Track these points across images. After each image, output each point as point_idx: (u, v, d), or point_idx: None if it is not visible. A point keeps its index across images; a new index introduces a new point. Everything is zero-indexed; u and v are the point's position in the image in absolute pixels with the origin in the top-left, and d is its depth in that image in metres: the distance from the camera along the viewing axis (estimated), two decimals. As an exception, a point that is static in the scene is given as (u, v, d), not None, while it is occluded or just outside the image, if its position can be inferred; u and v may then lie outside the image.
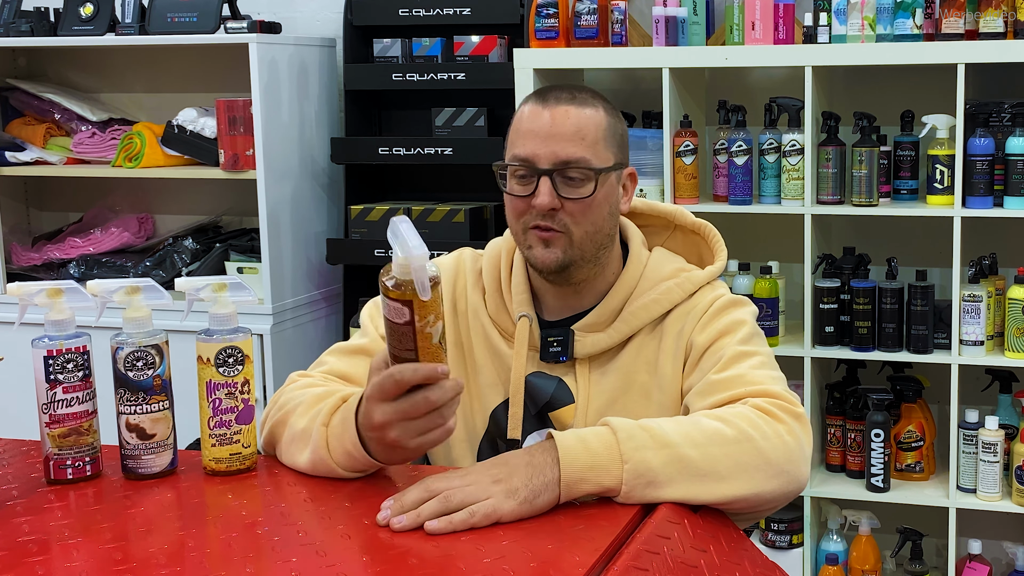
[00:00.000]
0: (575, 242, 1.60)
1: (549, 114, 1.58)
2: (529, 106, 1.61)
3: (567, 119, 1.58)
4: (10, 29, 3.51)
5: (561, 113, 1.58)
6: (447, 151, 3.32)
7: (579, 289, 1.67)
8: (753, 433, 1.40)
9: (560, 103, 1.59)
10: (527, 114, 1.60)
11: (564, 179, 1.57)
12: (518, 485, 1.31)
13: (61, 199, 3.95)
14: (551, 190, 1.57)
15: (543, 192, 1.57)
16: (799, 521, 3.04)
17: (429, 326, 1.31)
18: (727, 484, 1.37)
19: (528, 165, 1.58)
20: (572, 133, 1.57)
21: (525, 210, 1.60)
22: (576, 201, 1.58)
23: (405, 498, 1.30)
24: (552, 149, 1.57)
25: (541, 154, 1.57)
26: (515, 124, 1.63)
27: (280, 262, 3.41)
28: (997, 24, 2.76)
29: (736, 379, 1.52)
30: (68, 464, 1.47)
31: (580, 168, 1.57)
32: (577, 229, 1.59)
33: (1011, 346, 2.83)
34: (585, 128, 1.58)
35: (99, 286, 1.48)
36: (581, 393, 1.65)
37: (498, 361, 1.70)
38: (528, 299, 1.68)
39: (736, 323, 1.61)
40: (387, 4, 3.40)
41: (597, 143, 1.59)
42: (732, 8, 2.96)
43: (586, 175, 1.58)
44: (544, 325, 1.68)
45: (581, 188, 1.58)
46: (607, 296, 1.66)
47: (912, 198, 2.97)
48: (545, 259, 1.60)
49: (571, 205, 1.58)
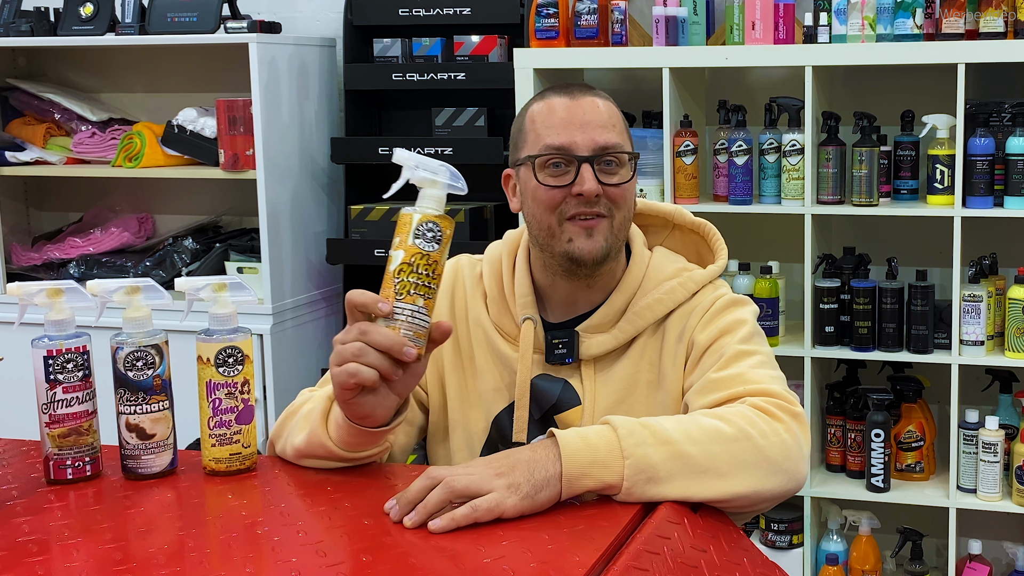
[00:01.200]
0: (615, 228, 1.61)
1: (579, 104, 1.61)
2: (551, 100, 1.62)
3: (598, 107, 1.61)
4: (10, 29, 3.51)
5: (590, 103, 1.61)
6: (447, 151, 3.32)
7: (592, 284, 1.66)
8: (751, 431, 1.41)
9: (585, 95, 1.62)
10: (554, 106, 1.61)
11: (602, 166, 1.59)
12: (520, 480, 1.31)
13: (61, 199, 3.95)
14: (593, 176, 1.58)
15: (588, 178, 1.57)
16: (799, 521, 3.04)
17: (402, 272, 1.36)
18: (727, 481, 1.38)
19: (566, 154, 1.59)
20: (605, 120, 1.61)
21: (561, 200, 1.59)
22: (616, 187, 1.59)
23: (409, 491, 1.31)
24: (590, 136, 1.59)
25: (579, 141, 1.59)
26: (538, 119, 1.62)
27: (280, 262, 3.41)
28: (997, 24, 2.76)
29: (736, 378, 1.53)
30: (68, 464, 1.47)
31: (618, 153, 1.60)
32: (618, 214, 1.61)
33: (1011, 346, 2.83)
34: (614, 116, 1.63)
35: (99, 286, 1.48)
36: (587, 395, 1.65)
37: (501, 366, 1.69)
38: (532, 301, 1.68)
39: (737, 322, 1.61)
40: (387, 4, 3.40)
41: (624, 130, 1.64)
42: (732, 8, 2.96)
43: (622, 160, 1.60)
44: (548, 327, 1.68)
45: (617, 174, 1.60)
46: (611, 296, 1.66)
47: (912, 198, 2.97)
48: (590, 249, 1.59)
49: (612, 191, 1.59)
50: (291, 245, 3.46)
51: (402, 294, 1.36)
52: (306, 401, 1.57)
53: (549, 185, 1.59)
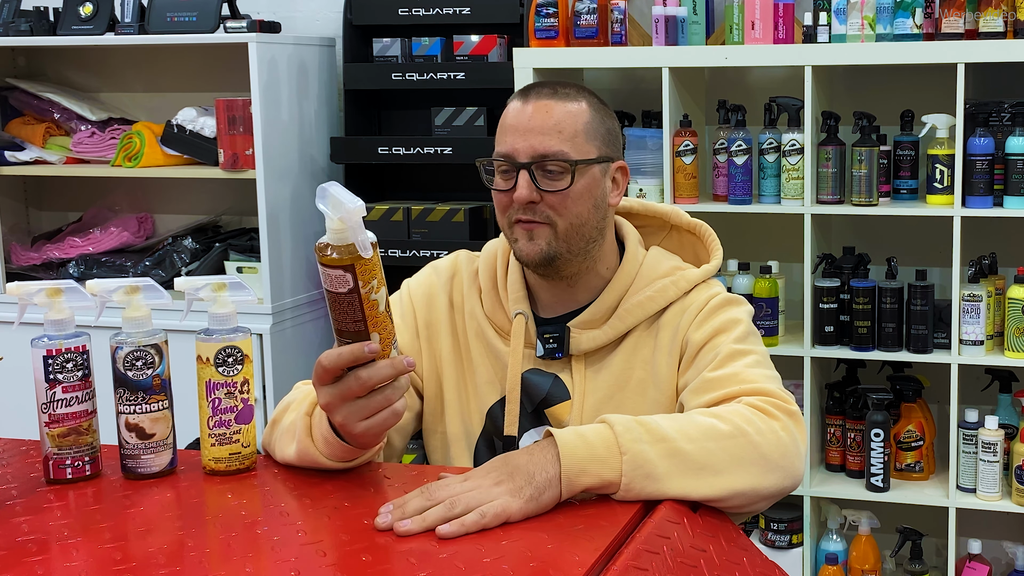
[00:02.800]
0: (560, 234, 1.62)
1: (530, 109, 1.62)
2: (512, 104, 1.65)
3: (545, 113, 1.61)
4: (9, 28, 3.51)
5: (540, 108, 1.61)
6: (447, 151, 3.32)
7: (573, 284, 1.68)
8: (748, 428, 1.41)
9: (541, 98, 1.62)
10: (510, 112, 1.64)
11: (543, 172, 1.60)
12: (521, 484, 1.31)
13: (60, 199, 3.95)
14: (529, 183, 1.60)
15: (521, 185, 1.60)
16: (799, 521, 3.04)
17: (373, 292, 1.32)
18: (724, 478, 1.38)
19: (508, 160, 1.61)
20: (550, 127, 1.60)
21: (509, 204, 1.63)
22: (555, 193, 1.60)
23: (407, 506, 1.30)
24: (530, 143, 1.60)
25: (520, 148, 1.60)
26: (500, 121, 1.66)
27: (280, 262, 3.41)
28: (997, 24, 2.76)
29: (731, 377, 1.53)
30: (67, 464, 1.47)
31: (557, 160, 1.59)
32: (561, 221, 1.61)
33: (1011, 346, 2.83)
34: (563, 122, 1.61)
35: (98, 286, 1.48)
36: (577, 390, 1.66)
37: (494, 359, 1.71)
38: (524, 296, 1.69)
39: (732, 321, 1.62)
40: (387, 4, 3.40)
41: (576, 136, 1.61)
42: (732, 8, 2.96)
43: (563, 167, 1.60)
44: (540, 322, 1.69)
45: (559, 180, 1.60)
46: (603, 293, 1.67)
47: (912, 198, 2.97)
48: (529, 251, 1.62)
49: (550, 197, 1.60)
50: (291, 245, 3.46)
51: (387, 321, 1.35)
52: (290, 403, 1.56)
53: (498, 190, 1.64)
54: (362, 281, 1.30)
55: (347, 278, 1.30)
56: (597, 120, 1.64)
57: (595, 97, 1.67)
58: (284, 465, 1.53)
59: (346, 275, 1.30)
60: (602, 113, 1.66)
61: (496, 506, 1.28)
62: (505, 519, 1.29)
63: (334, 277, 1.31)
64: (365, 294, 1.31)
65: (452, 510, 1.28)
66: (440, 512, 1.28)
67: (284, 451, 1.51)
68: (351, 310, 1.32)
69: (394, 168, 3.60)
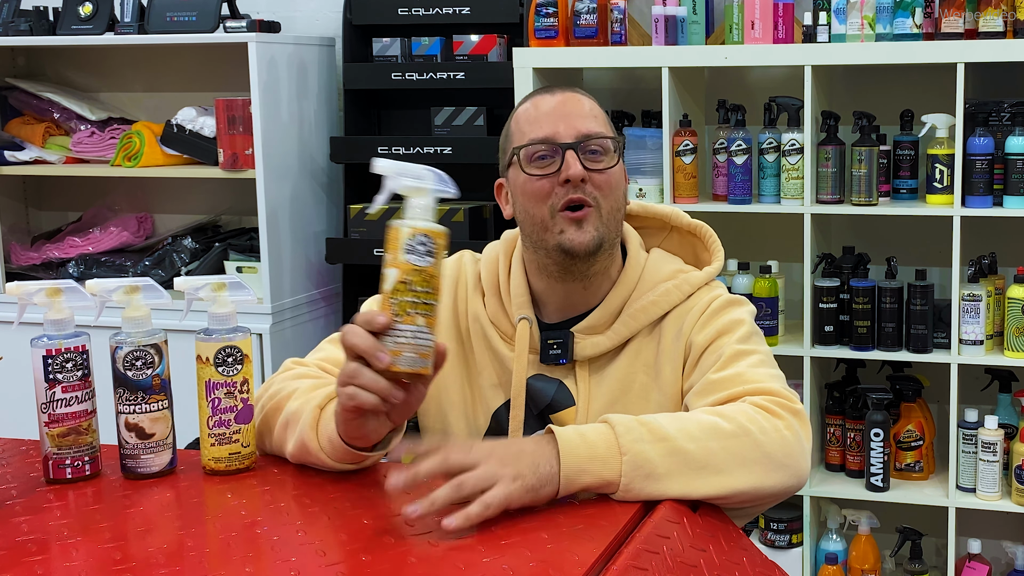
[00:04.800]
0: (603, 218, 1.61)
1: (559, 98, 1.64)
2: (535, 98, 1.66)
3: (579, 101, 1.64)
4: (9, 28, 3.51)
5: (572, 98, 1.64)
6: (446, 150, 3.32)
7: (588, 285, 1.66)
8: (751, 427, 1.41)
9: (567, 91, 1.65)
10: (537, 103, 1.64)
11: (586, 153, 1.60)
12: (524, 471, 1.31)
13: (60, 198, 3.95)
14: (578, 161, 1.59)
15: (572, 163, 1.58)
16: (798, 520, 3.04)
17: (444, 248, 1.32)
18: (726, 477, 1.38)
19: (550, 143, 1.60)
20: (587, 111, 1.63)
21: (550, 191, 1.60)
22: (602, 172, 1.60)
23: (420, 470, 1.30)
24: (573, 124, 1.61)
25: (562, 130, 1.61)
26: (522, 117, 1.65)
27: (279, 261, 3.41)
28: (997, 23, 2.76)
29: (735, 378, 1.53)
30: (67, 464, 1.47)
31: (602, 139, 1.61)
32: (605, 203, 1.61)
33: (1010, 345, 2.83)
34: (596, 109, 1.65)
35: (98, 285, 1.48)
36: (581, 395, 1.65)
37: (498, 363, 1.70)
38: (527, 301, 1.68)
39: (734, 322, 1.61)
40: (386, 3, 3.40)
41: (607, 123, 1.65)
42: (731, 7, 2.96)
43: (606, 147, 1.61)
44: (544, 327, 1.68)
45: (603, 160, 1.61)
46: (607, 298, 1.66)
47: (912, 197, 2.97)
48: (581, 240, 1.59)
49: (597, 177, 1.60)
50: (290, 244, 3.46)
51: (400, 315, 1.29)
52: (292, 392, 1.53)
53: (536, 175, 1.60)
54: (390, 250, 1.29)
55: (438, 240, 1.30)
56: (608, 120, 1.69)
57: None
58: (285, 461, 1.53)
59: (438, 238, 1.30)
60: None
61: (500, 496, 1.29)
62: (507, 507, 1.30)
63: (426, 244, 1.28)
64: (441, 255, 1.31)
65: (460, 492, 1.28)
66: (447, 494, 1.28)
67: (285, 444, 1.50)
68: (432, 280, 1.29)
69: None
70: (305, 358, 1.68)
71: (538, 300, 1.70)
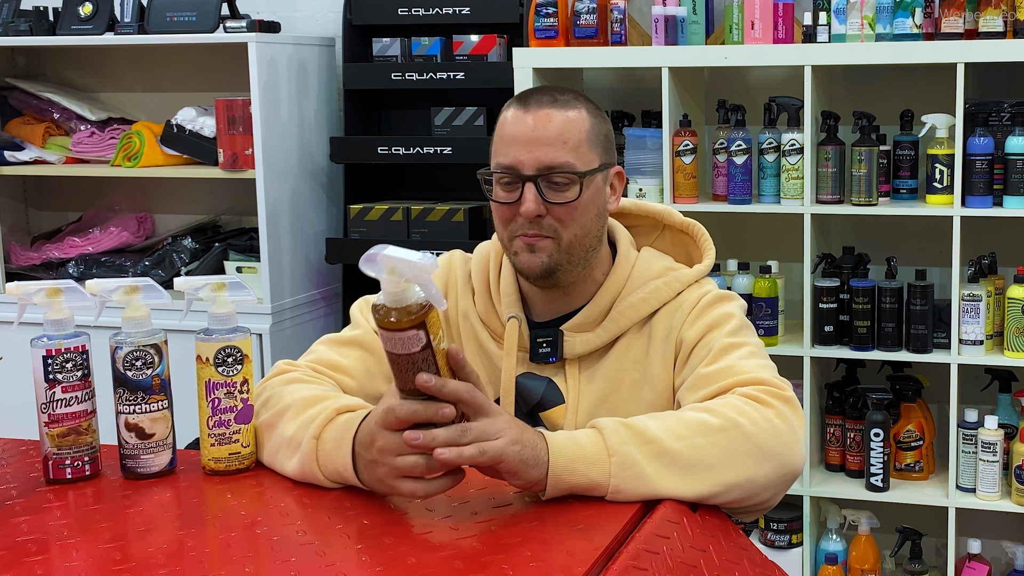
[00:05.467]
0: (563, 246, 1.60)
1: (531, 119, 1.58)
2: (511, 112, 1.61)
3: (549, 123, 1.57)
4: (9, 28, 3.51)
5: (543, 117, 1.58)
6: (446, 150, 3.32)
7: (568, 291, 1.67)
8: (740, 419, 1.41)
9: (541, 107, 1.59)
10: (509, 120, 1.60)
11: (549, 184, 1.57)
12: (525, 443, 1.33)
13: (60, 198, 3.95)
14: (536, 196, 1.57)
15: (528, 199, 1.57)
16: (798, 521, 3.04)
17: (442, 341, 1.29)
18: (716, 473, 1.38)
19: (512, 172, 1.58)
20: (554, 137, 1.57)
21: (512, 217, 1.60)
22: (562, 205, 1.58)
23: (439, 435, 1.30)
24: (535, 155, 1.57)
25: (525, 160, 1.57)
26: (498, 131, 1.62)
27: (279, 261, 3.41)
28: (997, 23, 2.76)
29: (725, 371, 1.53)
30: (67, 464, 1.47)
31: (564, 173, 1.57)
32: (566, 233, 1.59)
33: (1010, 345, 2.83)
34: (567, 132, 1.58)
35: (98, 286, 1.48)
36: (571, 393, 1.66)
37: (488, 362, 1.70)
38: (516, 300, 1.69)
39: (724, 316, 1.61)
40: (386, 3, 3.40)
41: (580, 146, 1.59)
42: (731, 7, 2.96)
43: (571, 179, 1.57)
44: (533, 326, 1.69)
45: (566, 192, 1.58)
46: (596, 296, 1.67)
47: (912, 197, 2.97)
48: (531, 264, 1.61)
49: (558, 210, 1.58)
50: (290, 245, 3.46)
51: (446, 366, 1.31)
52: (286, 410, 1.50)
53: (500, 202, 1.61)
54: (432, 334, 1.27)
55: (420, 336, 1.26)
56: (596, 126, 1.62)
57: (591, 102, 1.64)
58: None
59: (419, 333, 1.26)
60: (599, 118, 1.64)
61: (497, 448, 1.31)
62: (499, 462, 1.31)
63: (407, 339, 1.26)
64: (436, 346, 1.28)
65: (462, 437, 1.30)
66: (449, 435, 1.30)
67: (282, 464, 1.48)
68: (426, 366, 1.28)
69: (394, 168, 3.60)
70: (298, 360, 1.67)
71: (527, 299, 1.70)
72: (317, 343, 1.71)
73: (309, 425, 1.45)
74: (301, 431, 1.46)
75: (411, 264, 1.23)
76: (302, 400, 1.51)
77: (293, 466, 1.46)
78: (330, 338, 1.70)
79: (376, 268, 1.25)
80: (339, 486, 1.44)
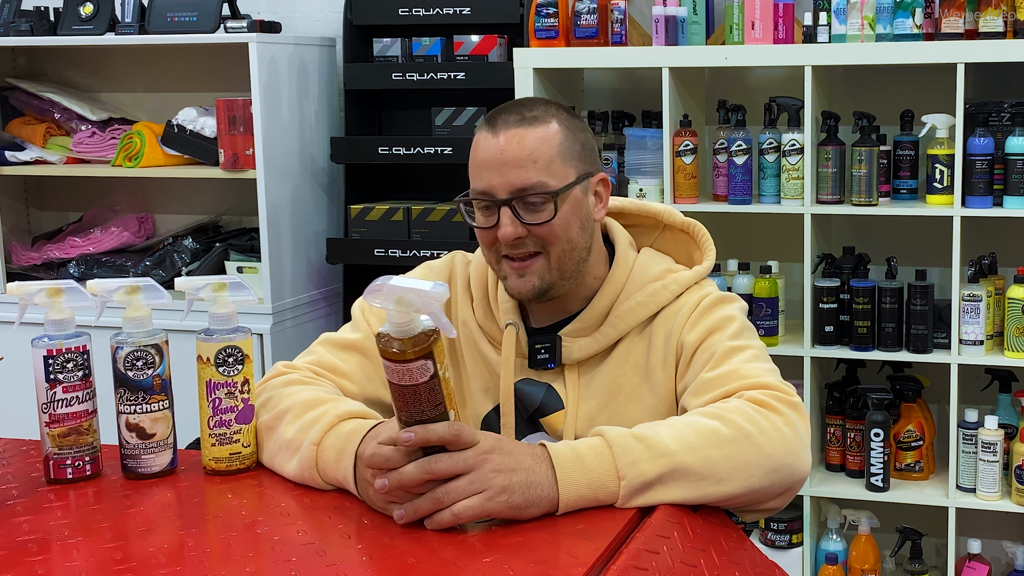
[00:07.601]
0: (552, 263, 1.59)
1: (500, 140, 1.57)
2: (481, 135, 1.60)
3: (517, 144, 1.56)
4: (10, 28, 3.51)
5: (511, 138, 1.56)
6: (447, 151, 3.33)
7: (562, 300, 1.66)
8: (751, 429, 1.39)
9: (509, 127, 1.57)
10: (480, 145, 1.60)
11: (524, 205, 1.56)
12: (515, 487, 1.29)
13: (61, 199, 3.95)
14: (513, 219, 1.56)
15: (504, 223, 1.56)
16: (799, 521, 3.04)
17: (448, 370, 1.28)
18: (726, 485, 1.37)
19: (487, 197, 1.58)
20: (524, 158, 1.56)
21: (495, 240, 1.59)
22: (540, 225, 1.57)
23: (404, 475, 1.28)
24: (507, 178, 1.56)
25: (497, 184, 1.57)
26: (471, 155, 1.61)
27: (280, 262, 3.41)
28: (997, 24, 2.76)
29: (729, 375, 1.52)
30: (68, 464, 1.47)
31: (538, 193, 1.56)
32: (554, 249, 1.58)
33: (1011, 346, 2.83)
34: (537, 151, 1.56)
35: (99, 286, 1.48)
36: (570, 399, 1.64)
37: (487, 368, 1.69)
38: (514, 307, 1.68)
39: (725, 319, 1.60)
40: (387, 4, 3.40)
41: (552, 162, 1.57)
42: (732, 8, 2.96)
43: (544, 198, 1.56)
44: (531, 332, 1.68)
45: (541, 212, 1.57)
46: (593, 300, 1.65)
47: (912, 198, 2.97)
48: (521, 288, 1.60)
49: (537, 230, 1.57)
50: (291, 245, 3.47)
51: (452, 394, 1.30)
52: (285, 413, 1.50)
53: (480, 227, 1.60)
54: (439, 363, 1.25)
55: (428, 365, 1.24)
56: (570, 138, 1.59)
57: (563, 111, 1.61)
58: None
59: (427, 363, 1.24)
60: (574, 129, 1.60)
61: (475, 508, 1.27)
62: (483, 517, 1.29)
63: (414, 369, 1.24)
64: (442, 374, 1.26)
65: (442, 503, 1.28)
66: (429, 506, 1.28)
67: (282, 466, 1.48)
68: (432, 396, 1.26)
69: (394, 168, 3.60)
70: (295, 360, 1.67)
71: (525, 306, 1.69)
72: (316, 343, 1.70)
73: (309, 429, 1.45)
74: (301, 434, 1.46)
75: (422, 293, 1.21)
76: (302, 403, 1.51)
77: (292, 468, 1.46)
78: (330, 339, 1.70)
79: (383, 299, 1.24)
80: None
